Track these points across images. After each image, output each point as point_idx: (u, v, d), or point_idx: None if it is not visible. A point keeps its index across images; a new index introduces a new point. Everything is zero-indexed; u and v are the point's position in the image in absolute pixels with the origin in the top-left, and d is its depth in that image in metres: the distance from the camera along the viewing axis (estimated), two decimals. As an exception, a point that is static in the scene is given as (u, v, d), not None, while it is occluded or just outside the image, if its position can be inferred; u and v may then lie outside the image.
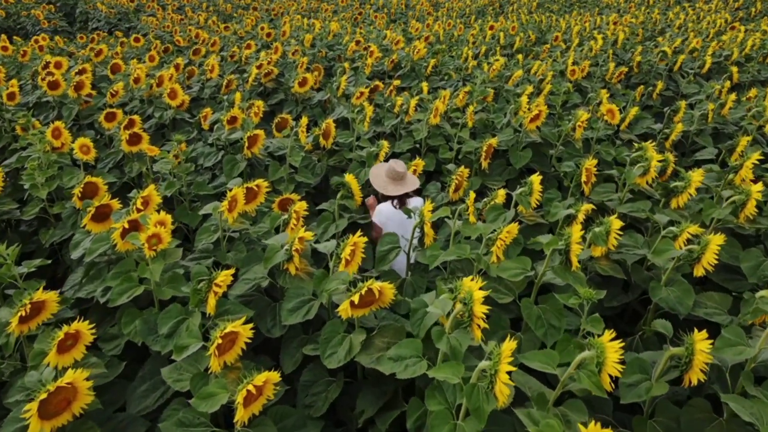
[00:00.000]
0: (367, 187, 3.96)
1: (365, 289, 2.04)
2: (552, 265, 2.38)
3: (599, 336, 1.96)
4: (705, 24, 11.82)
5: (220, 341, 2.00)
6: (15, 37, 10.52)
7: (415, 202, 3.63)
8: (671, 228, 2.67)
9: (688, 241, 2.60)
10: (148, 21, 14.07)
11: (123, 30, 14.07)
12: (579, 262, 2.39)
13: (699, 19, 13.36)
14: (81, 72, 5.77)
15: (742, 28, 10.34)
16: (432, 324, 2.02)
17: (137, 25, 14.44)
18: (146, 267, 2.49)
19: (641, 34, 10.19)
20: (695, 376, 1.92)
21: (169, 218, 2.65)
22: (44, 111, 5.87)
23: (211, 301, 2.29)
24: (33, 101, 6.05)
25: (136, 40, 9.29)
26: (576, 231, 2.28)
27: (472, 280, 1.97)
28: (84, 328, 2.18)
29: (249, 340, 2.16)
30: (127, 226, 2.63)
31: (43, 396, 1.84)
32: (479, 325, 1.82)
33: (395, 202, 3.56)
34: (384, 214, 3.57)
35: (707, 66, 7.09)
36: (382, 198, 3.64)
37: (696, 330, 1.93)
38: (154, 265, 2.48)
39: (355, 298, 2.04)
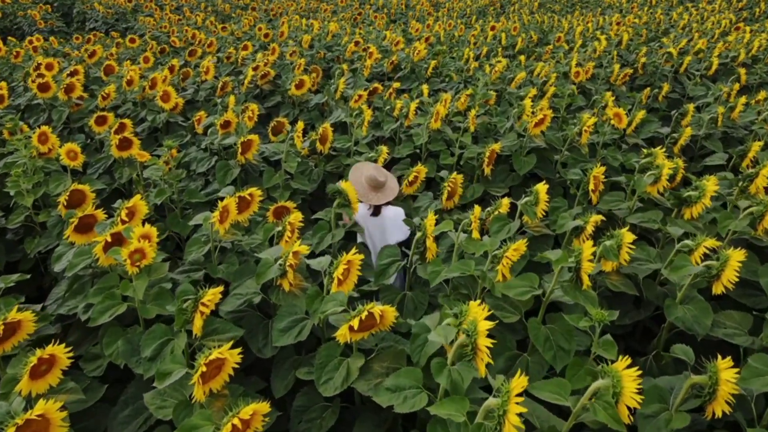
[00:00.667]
0: None
1: (365, 313, 1.88)
2: (561, 283, 2.23)
3: (612, 361, 1.83)
4: (709, 24, 11.67)
5: (204, 369, 1.85)
6: (9, 38, 10.37)
7: (392, 212, 3.53)
8: (686, 242, 2.52)
9: (705, 256, 2.46)
10: (145, 21, 13.91)
11: (120, 30, 13.93)
12: (589, 277, 2.25)
13: (703, 19, 13.21)
14: (72, 74, 5.62)
15: (747, 28, 10.19)
16: (433, 352, 1.87)
17: (134, 25, 14.30)
18: (129, 284, 2.34)
19: (645, 34, 10.04)
20: (720, 408, 1.77)
21: (154, 231, 2.50)
22: (35, 114, 5.73)
23: (198, 322, 2.14)
24: (24, 104, 5.92)
25: (132, 40, 9.15)
26: (587, 248, 2.13)
27: (479, 303, 1.82)
28: (60, 352, 2.03)
29: (237, 365, 2.01)
30: (109, 239, 2.48)
31: (11, 431, 1.70)
32: (483, 359, 1.66)
33: (369, 208, 3.45)
34: (358, 215, 3.44)
35: (714, 68, 6.94)
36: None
37: (720, 357, 1.79)
38: (138, 282, 2.33)
39: (355, 323, 1.89)
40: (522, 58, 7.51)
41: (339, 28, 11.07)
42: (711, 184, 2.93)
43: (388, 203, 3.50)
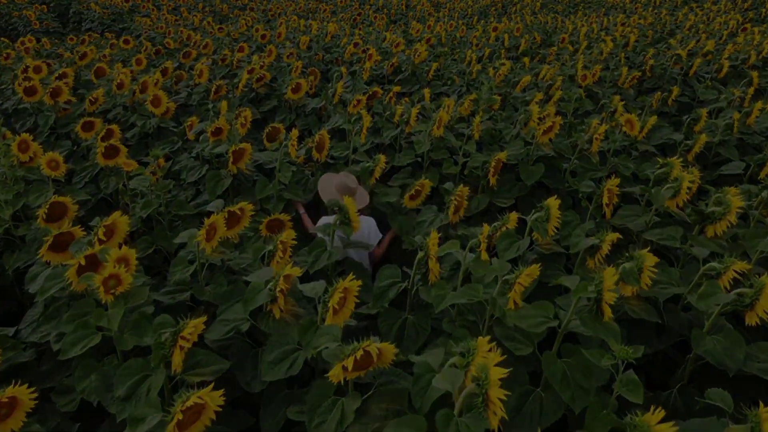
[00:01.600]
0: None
1: (360, 352, 1.68)
2: (579, 313, 2.02)
3: (639, 406, 1.63)
4: (716, 25, 11.45)
5: (180, 417, 1.64)
6: (2, 39, 10.14)
7: (361, 221, 3.32)
8: (713, 264, 2.31)
9: (734, 280, 2.24)
10: (142, 22, 13.70)
11: (116, 31, 13.72)
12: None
13: (709, 20, 12.99)
14: (61, 77, 5.42)
15: (756, 29, 9.98)
16: (438, 396, 1.67)
17: (131, 26, 14.08)
18: (104, 312, 2.13)
19: (651, 35, 9.82)
20: (763, 464, 1.56)
21: (133, 254, 2.29)
22: (22, 118, 5.52)
23: (177, 358, 1.93)
24: (11, 108, 5.72)
25: (126, 42, 8.93)
26: (609, 276, 1.92)
27: (488, 333, 1.62)
28: (22, 393, 1.82)
29: (219, 408, 1.80)
30: (83, 262, 2.27)
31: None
32: (497, 414, 1.45)
33: None
34: (328, 223, 3.23)
35: (724, 70, 6.72)
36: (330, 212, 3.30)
37: (762, 405, 1.58)
38: (113, 311, 2.12)
39: (349, 363, 1.68)
40: (526, 60, 7.30)
41: (338, 29, 10.86)
42: (736, 199, 2.71)
43: (358, 212, 3.34)
